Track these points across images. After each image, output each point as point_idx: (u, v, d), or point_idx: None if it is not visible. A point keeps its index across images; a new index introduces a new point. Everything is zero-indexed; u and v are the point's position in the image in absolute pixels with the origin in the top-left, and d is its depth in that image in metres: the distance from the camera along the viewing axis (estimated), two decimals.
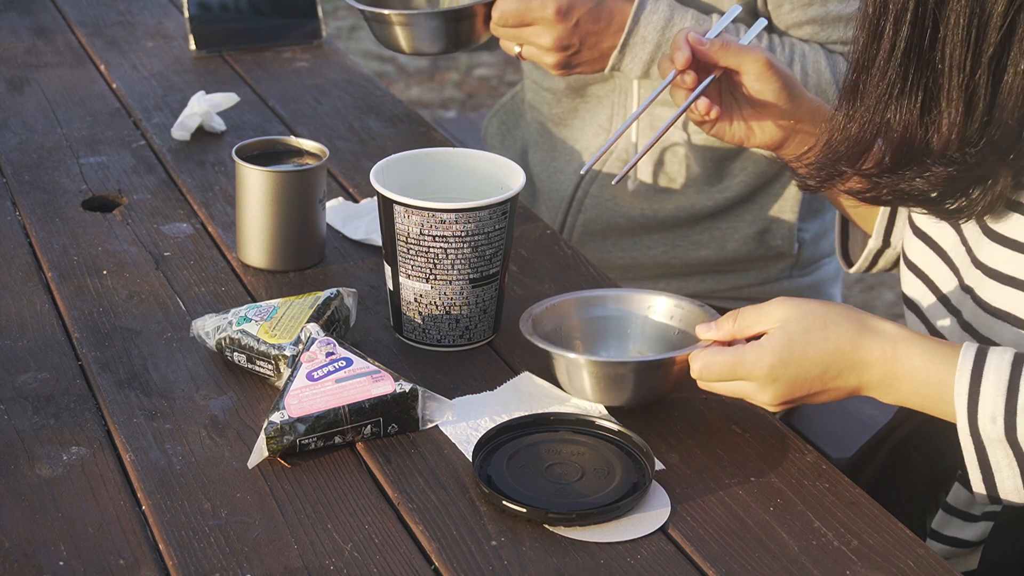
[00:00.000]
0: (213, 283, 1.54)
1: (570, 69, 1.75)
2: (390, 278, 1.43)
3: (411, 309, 1.42)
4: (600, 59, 1.74)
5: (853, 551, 1.16)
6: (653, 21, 1.71)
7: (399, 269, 1.41)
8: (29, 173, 1.79)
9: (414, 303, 1.41)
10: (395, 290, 1.43)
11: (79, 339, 1.43)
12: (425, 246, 1.38)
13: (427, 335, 1.42)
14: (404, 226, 1.38)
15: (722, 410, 1.34)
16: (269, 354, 1.34)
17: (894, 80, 1.22)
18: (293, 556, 1.13)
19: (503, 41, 1.75)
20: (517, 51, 1.74)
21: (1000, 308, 1.27)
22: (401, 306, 1.43)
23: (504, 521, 1.18)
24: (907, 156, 1.24)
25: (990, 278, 1.28)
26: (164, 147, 1.87)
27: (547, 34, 1.69)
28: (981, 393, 1.19)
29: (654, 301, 1.41)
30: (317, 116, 1.99)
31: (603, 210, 1.91)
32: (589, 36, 1.71)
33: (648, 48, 1.72)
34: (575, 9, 1.68)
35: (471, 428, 1.29)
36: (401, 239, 1.39)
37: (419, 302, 1.41)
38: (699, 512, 1.20)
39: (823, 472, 1.26)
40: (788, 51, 1.77)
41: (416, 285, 1.40)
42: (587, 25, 1.70)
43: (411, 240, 1.38)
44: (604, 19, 1.71)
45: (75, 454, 1.25)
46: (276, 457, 1.24)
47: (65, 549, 1.13)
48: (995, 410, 1.19)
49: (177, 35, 2.27)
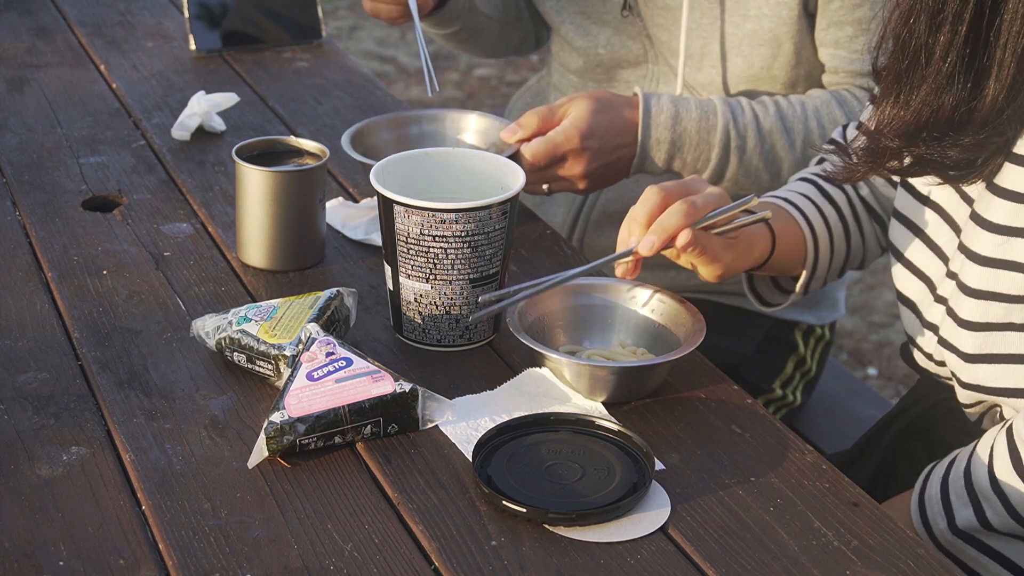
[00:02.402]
0: (213, 283, 1.54)
1: (600, 186, 1.78)
2: (390, 278, 1.43)
3: (411, 309, 1.42)
4: (624, 168, 1.77)
5: (853, 551, 1.16)
6: (661, 122, 1.74)
7: (399, 269, 1.41)
8: (29, 173, 1.79)
9: (414, 303, 1.41)
10: (395, 290, 1.43)
11: (79, 339, 1.43)
12: (425, 246, 1.38)
13: (427, 335, 1.42)
14: (404, 226, 1.38)
15: (722, 410, 1.34)
16: (269, 354, 1.34)
17: (955, 64, 1.23)
18: (293, 556, 1.13)
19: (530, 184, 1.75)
20: (546, 187, 1.75)
21: (982, 289, 1.29)
22: (401, 306, 1.43)
23: (504, 521, 1.18)
24: (951, 129, 1.26)
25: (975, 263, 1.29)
26: (164, 147, 1.87)
27: (578, 164, 1.72)
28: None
29: (636, 291, 1.44)
30: (317, 116, 1.99)
31: (624, 190, 1.92)
32: (611, 152, 1.74)
33: (664, 147, 1.76)
34: (595, 132, 1.71)
35: (471, 428, 1.29)
36: (401, 239, 1.39)
37: (419, 302, 1.41)
38: (699, 512, 1.20)
39: (823, 472, 1.25)
40: (801, 110, 1.77)
41: (416, 285, 1.40)
42: (607, 142, 1.73)
43: (411, 240, 1.38)
44: (620, 133, 1.74)
45: (75, 454, 1.25)
46: (276, 457, 1.24)
47: (65, 549, 1.13)
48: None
49: (177, 35, 2.27)
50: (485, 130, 1.77)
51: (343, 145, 1.69)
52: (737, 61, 1.83)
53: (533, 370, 1.38)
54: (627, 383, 1.33)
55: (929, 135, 1.27)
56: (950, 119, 1.25)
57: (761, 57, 1.82)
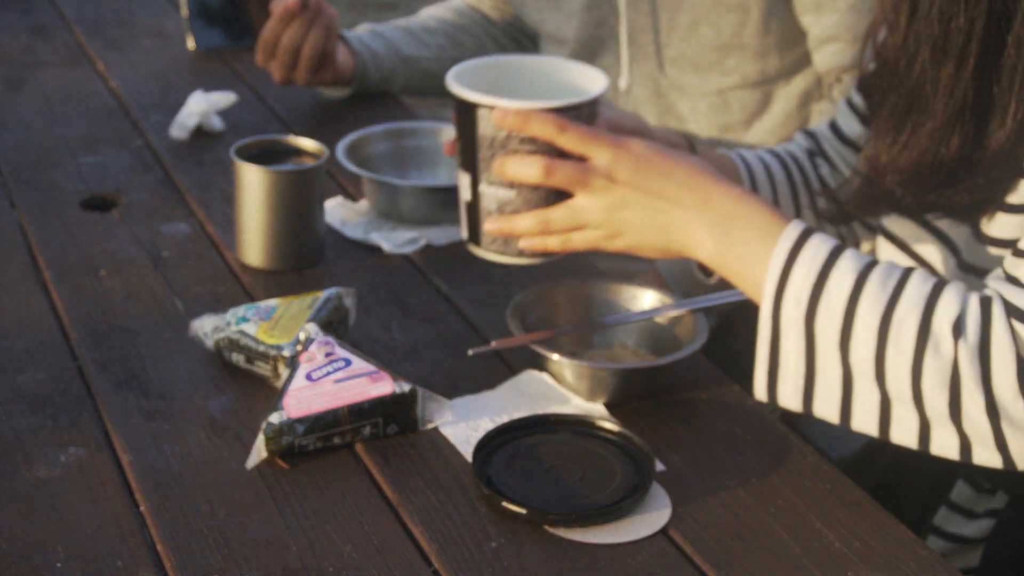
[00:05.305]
0: (211, 283, 1.54)
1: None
2: (468, 187, 1.32)
3: (493, 219, 1.33)
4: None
5: (855, 552, 1.15)
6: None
7: (480, 176, 1.31)
8: (27, 172, 1.78)
9: (496, 213, 1.32)
10: (473, 200, 1.32)
11: (77, 339, 1.42)
12: (512, 151, 1.27)
13: (509, 246, 1.33)
14: (489, 130, 1.29)
15: (723, 411, 1.34)
16: (268, 354, 1.34)
17: (961, 101, 1.18)
18: (292, 557, 1.13)
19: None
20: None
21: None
22: (480, 216, 1.33)
23: (504, 522, 1.17)
24: (957, 173, 1.21)
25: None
26: (162, 146, 1.87)
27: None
28: (792, 273, 1.17)
29: (638, 292, 1.43)
30: (316, 115, 1.99)
31: None
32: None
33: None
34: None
35: (471, 429, 1.29)
36: (484, 144, 1.28)
37: (502, 211, 1.31)
38: (700, 513, 1.19)
39: (824, 473, 1.25)
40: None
41: (500, 193, 1.30)
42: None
43: (496, 145, 1.28)
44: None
45: (73, 455, 1.25)
46: (275, 458, 1.24)
47: (63, 551, 1.13)
48: (800, 293, 1.16)
49: (175, 34, 2.27)
50: None
51: (338, 156, 1.69)
52: (707, 30, 1.84)
53: (533, 371, 1.37)
54: (629, 385, 1.33)
55: (939, 180, 1.21)
56: (957, 162, 1.20)
57: (730, 24, 1.83)
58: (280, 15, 1.89)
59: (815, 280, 1.16)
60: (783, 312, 1.17)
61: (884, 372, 1.14)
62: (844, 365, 1.16)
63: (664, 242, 1.24)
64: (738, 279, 1.22)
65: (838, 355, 1.15)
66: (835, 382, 1.17)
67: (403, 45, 2.07)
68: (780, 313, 1.17)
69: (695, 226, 1.22)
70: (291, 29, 1.89)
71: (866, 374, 1.15)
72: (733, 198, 1.21)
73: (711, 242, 1.21)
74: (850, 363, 1.15)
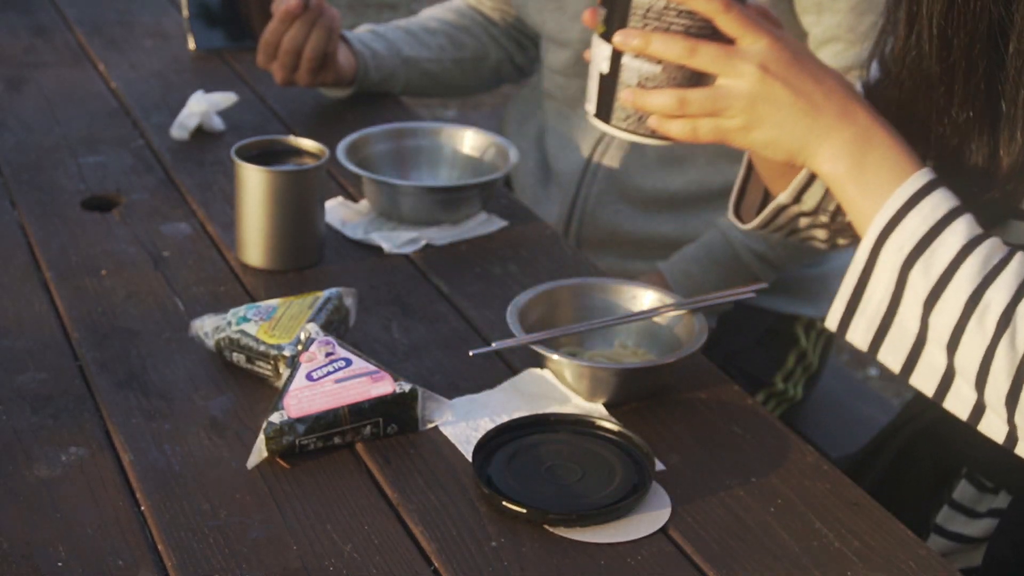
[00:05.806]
0: (212, 283, 1.54)
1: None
2: (607, 58, 1.24)
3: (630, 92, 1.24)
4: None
5: (854, 552, 1.15)
6: None
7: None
8: (28, 173, 1.79)
9: (636, 88, 1.23)
10: (612, 72, 1.24)
11: (78, 339, 1.42)
12: (666, 23, 1.20)
13: (641, 123, 1.25)
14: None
15: (723, 410, 1.34)
16: (268, 354, 1.34)
17: (971, 117, 1.18)
18: (292, 557, 1.13)
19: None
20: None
21: None
22: (618, 89, 1.24)
23: (504, 522, 1.17)
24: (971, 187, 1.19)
25: None
26: (163, 147, 1.87)
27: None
28: (905, 220, 1.15)
29: (638, 292, 1.43)
30: (316, 115, 1.99)
31: (615, 181, 1.91)
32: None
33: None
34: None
35: (471, 428, 1.29)
36: (638, 13, 1.21)
37: (643, 86, 1.22)
38: (700, 513, 1.19)
39: (824, 473, 1.25)
40: None
41: (645, 67, 1.22)
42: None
43: (651, 15, 1.20)
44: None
45: (74, 455, 1.25)
46: (275, 458, 1.24)
47: (64, 550, 1.13)
48: (905, 242, 1.14)
49: (176, 34, 2.27)
50: (481, 146, 1.77)
51: (338, 156, 1.69)
52: None
53: (533, 370, 1.37)
54: (629, 384, 1.33)
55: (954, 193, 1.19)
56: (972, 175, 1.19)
57: None
58: (282, 16, 1.89)
59: (924, 234, 1.14)
60: (882, 254, 1.15)
61: (959, 345, 1.13)
62: (923, 324, 1.15)
63: (797, 146, 1.19)
64: (850, 204, 1.19)
65: (920, 312, 1.14)
66: (909, 337, 1.16)
67: (404, 46, 2.07)
68: (879, 253, 1.15)
69: (834, 139, 1.18)
70: (293, 30, 1.89)
71: (940, 341, 1.14)
72: (876, 122, 1.18)
73: (843, 160, 1.18)
74: (928, 324, 1.14)
